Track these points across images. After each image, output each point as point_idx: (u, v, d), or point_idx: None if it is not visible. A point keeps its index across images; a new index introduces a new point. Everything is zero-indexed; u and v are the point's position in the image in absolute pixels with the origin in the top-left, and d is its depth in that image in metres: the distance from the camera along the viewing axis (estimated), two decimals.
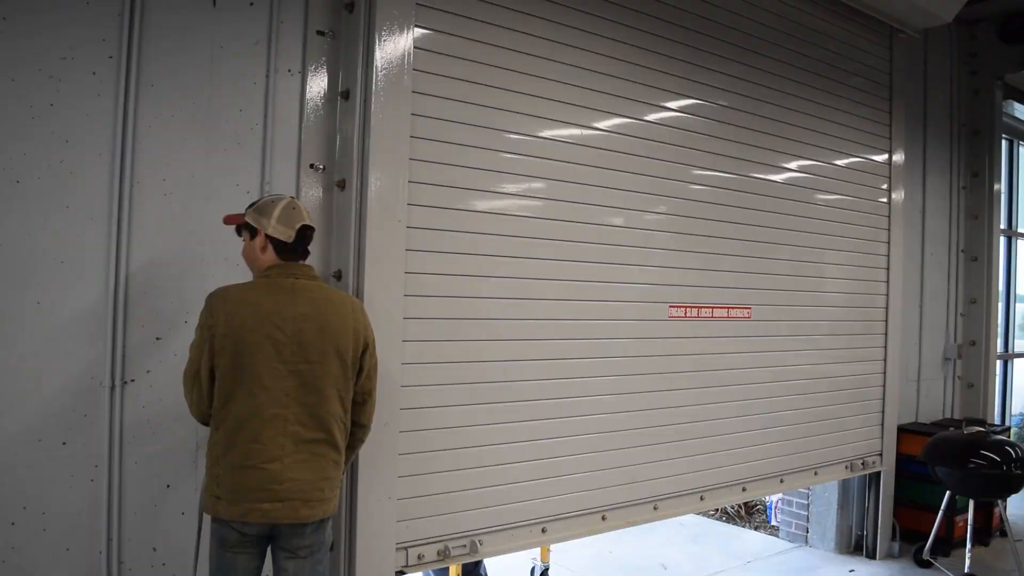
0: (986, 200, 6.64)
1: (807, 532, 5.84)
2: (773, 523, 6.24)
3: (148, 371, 2.84)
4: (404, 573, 3.33)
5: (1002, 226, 7.25)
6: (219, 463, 2.52)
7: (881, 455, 5.58)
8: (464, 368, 3.47)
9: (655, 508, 4.23)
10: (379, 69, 3.12)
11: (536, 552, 4.96)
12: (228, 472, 2.50)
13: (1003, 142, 7.23)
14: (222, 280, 2.74)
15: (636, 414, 4.12)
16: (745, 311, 4.63)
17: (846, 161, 5.28)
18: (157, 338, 2.85)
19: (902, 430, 5.80)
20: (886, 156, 5.55)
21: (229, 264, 2.90)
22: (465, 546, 3.49)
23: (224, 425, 2.52)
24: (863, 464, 5.45)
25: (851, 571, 5.36)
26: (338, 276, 3.16)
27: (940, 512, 5.30)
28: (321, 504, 2.59)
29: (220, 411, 2.53)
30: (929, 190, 6.26)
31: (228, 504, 2.50)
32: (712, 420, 4.50)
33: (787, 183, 4.87)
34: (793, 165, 4.92)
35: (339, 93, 3.21)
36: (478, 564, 4.53)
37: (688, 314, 4.32)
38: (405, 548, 3.31)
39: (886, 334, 5.58)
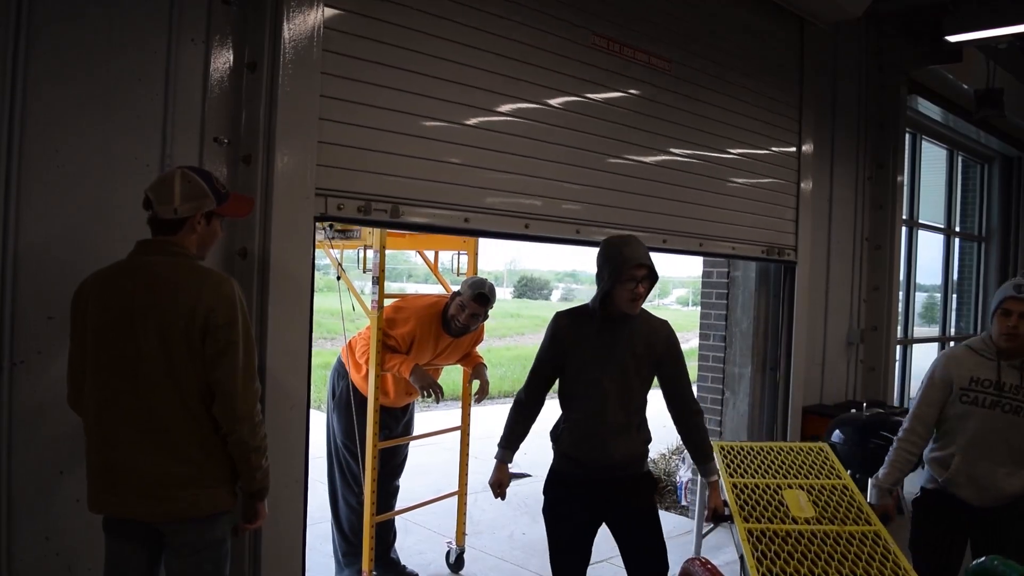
0: (890, 191, 6.86)
1: None
2: (683, 503, 6.37)
3: (39, 352, 2.68)
4: (324, 219, 3.28)
5: (904, 216, 7.55)
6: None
7: (795, 249, 5.79)
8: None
9: (577, 231, 4.29)
10: (287, 40, 3.02)
11: (451, 536, 4.97)
12: (86, 458, 2.46)
13: (907, 135, 7.51)
14: (118, 256, 2.62)
15: (563, 132, 4.17)
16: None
17: (757, 149, 5.39)
18: (49, 317, 2.70)
19: (807, 411, 5.98)
20: (796, 145, 5.70)
21: (127, 241, 2.76)
22: (386, 210, 3.43)
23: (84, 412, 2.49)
24: (779, 252, 5.64)
25: None
26: (243, 254, 3.06)
27: None
28: (167, 503, 2.38)
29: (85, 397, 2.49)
30: (836, 179, 6.45)
31: (89, 491, 2.46)
32: (635, 162, 4.56)
33: (699, 167, 4.96)
34: (704, 149, 5.00)
35: (245, 65, 3.09)
36: (389, 548, 4.50)
37: (610, 48, 4.37)
38: (325, 196, 3.23)
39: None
